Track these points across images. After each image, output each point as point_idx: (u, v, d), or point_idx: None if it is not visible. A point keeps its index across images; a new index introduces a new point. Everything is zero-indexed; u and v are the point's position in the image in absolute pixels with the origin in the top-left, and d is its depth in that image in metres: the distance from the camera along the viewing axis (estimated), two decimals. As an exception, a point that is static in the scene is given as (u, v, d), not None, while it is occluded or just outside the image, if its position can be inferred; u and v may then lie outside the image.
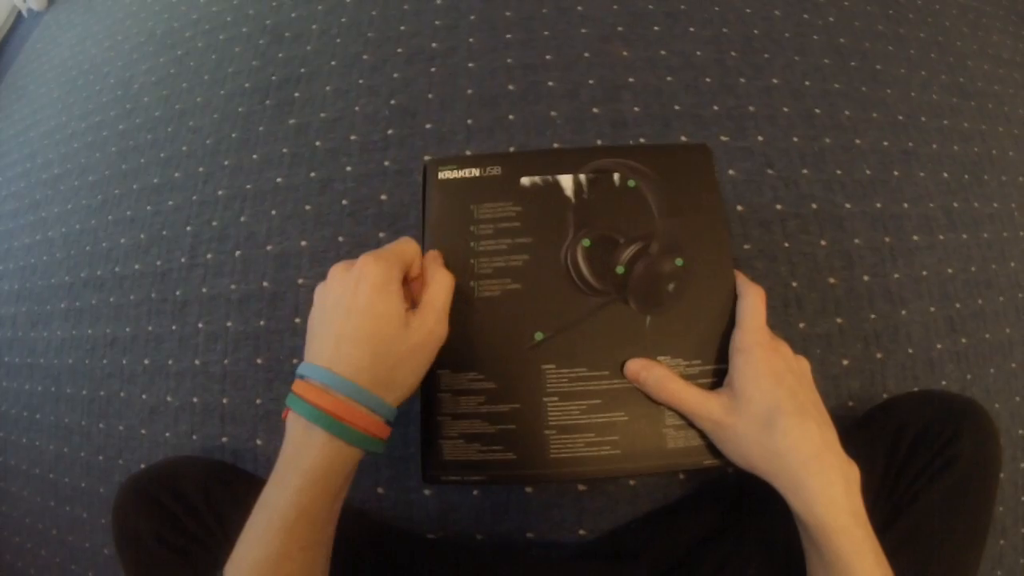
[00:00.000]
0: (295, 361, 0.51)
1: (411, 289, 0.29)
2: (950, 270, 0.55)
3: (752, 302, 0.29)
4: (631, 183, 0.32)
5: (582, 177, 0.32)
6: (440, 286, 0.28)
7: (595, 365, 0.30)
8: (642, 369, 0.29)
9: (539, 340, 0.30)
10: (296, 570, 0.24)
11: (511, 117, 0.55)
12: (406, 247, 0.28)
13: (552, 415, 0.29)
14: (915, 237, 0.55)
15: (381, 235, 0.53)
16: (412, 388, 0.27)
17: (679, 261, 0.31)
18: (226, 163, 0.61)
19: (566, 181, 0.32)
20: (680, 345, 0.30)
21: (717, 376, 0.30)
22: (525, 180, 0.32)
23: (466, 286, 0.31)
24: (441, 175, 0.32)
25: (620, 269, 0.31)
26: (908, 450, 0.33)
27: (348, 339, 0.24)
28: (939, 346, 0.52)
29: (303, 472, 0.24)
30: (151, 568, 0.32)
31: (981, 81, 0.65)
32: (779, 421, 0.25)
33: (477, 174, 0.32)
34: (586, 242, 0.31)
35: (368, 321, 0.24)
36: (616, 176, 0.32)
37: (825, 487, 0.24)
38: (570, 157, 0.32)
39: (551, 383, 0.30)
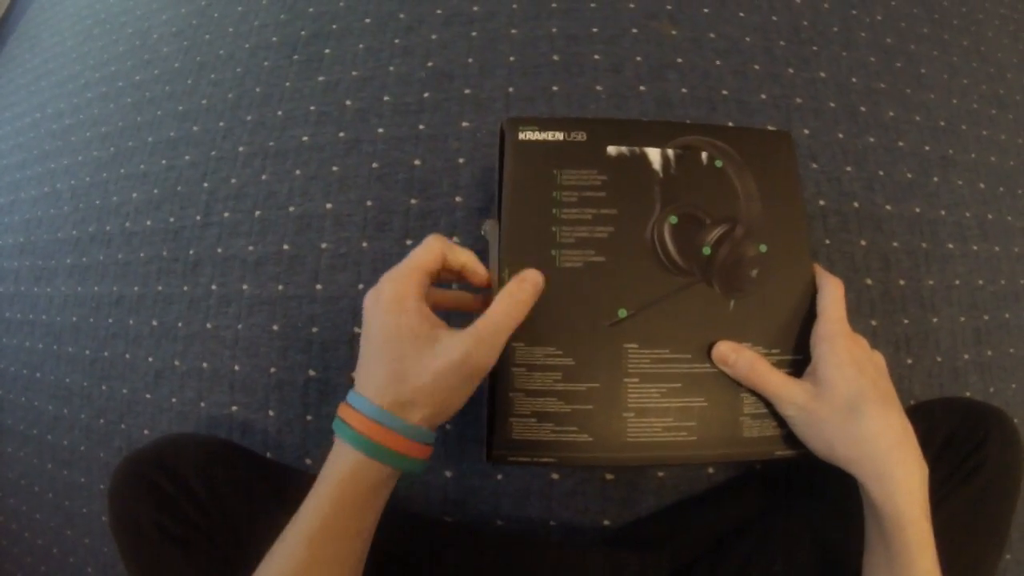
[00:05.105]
0: (314, 329, 0.46)
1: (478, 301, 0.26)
2: (980, 281, 0.52)
3: (833, 293, 0.28)
4: (718, 163, 0.30)
5: (670, 152, 0.30)
6: (500, 310, 0.24)
7: (678, 347, 0.27)
8: (731, 351, 0.27)
9: (622, 317, 0.27)
10: None
11: (554, 88, 0.50)
12: (426, 252, 0.25)
13: (632, 397, 0.27)
14: (950, 245, 0.52)
15: (412, 201, 0.47)
16: (451, 408, 0.24)
17: (763, 247, 0.29)
18: (248, 118, 0.55)
19: (654, 154, 0.29)
20: (761, 332, 0.28)
21: (794, 367, 0.28)
22: (611, 149, 0.29)
23: (547, 255, 0.28)
24: (521, 136, 0.29)
25: (706, 250, 0.28)
26: (936, 454, 0.32)
27: (370, 360, 0.24)
28: (965, 356, 0.49)
29: (329, 485, 0.23)
30: (152, 560, 0.28)
31: (1020, 95, 0.62)
32: (864, 408, 0.24)
33: (561, 138, 0.29)
34: (673, 219, 0.28)
35: (384, 342, 0.23)
36: (704, 155, 0.30)
37: (907, 476, 0.24)
38: (657, 130, 0.30)
39: (632, 363, 0.27)
